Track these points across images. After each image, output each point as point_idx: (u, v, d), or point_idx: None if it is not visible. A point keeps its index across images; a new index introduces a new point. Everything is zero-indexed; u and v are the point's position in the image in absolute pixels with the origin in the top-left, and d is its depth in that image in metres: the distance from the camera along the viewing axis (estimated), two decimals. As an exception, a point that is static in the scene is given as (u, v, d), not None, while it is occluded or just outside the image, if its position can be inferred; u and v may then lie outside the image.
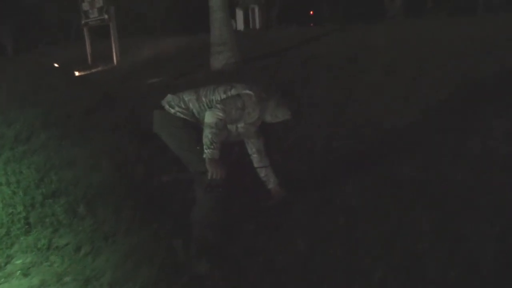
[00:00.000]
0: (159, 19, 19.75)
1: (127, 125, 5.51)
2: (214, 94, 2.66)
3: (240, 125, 2.73)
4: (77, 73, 10.99)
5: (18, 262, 3.11)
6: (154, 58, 10.73)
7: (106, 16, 11.08)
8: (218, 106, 2.50)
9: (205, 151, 2.45)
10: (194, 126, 2.63)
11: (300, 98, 5.33)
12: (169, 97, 2.76)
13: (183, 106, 2.67)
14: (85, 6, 11.91)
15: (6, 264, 3.14)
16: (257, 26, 22.28)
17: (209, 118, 2.47)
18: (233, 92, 2.63)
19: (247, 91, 2.62)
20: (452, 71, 5.25)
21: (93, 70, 11.22)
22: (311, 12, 26.22)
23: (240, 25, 22.08)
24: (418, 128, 4.18)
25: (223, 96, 2.62)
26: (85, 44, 12.44)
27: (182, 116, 2.65)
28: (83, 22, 12.22)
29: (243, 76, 6.76)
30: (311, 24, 17.32)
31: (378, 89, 5.22)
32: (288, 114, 2.79)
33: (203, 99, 2.65)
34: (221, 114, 2.47)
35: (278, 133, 4.18)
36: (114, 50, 11.07)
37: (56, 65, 12.79)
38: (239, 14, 22.57)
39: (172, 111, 2.67)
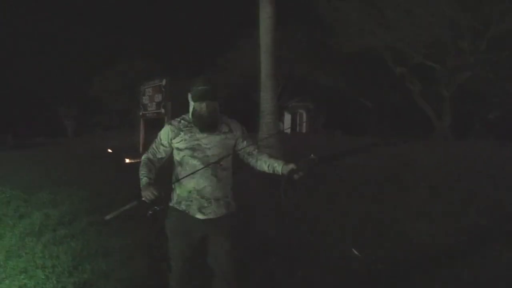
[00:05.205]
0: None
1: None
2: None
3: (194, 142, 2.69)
4: (127, 160, 11.49)
5: None
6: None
7: (163, 110, 11.80)
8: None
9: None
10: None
11: (340, 210, 5.28)
12: None
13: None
14: (145, 99, 12.83)
15: None
16: (304, 130, 22.95)
17: None
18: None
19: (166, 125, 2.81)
20: (500, 202, 5.09)
21: (143, 159, 11.71)
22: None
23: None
24: (455, 257, 4.02)
25: None
26: (139, 133, 13.16)
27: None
28: (141, 113, 13.06)
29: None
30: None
31: (420, 209, 5.09)
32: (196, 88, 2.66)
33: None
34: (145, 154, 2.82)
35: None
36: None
37: (109, 150, 13.48)
38: (287, 117, 23.46)
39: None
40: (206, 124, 2.66)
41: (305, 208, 5.73)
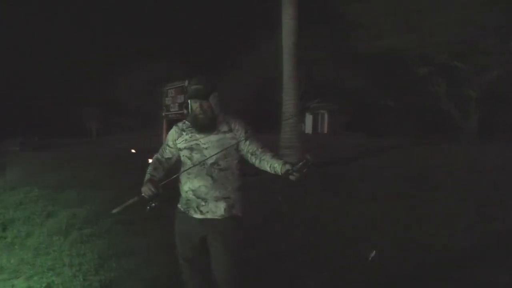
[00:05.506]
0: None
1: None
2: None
3: (193, 142, 2.71)
4: (150, 161, 11.61)
5: None
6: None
7: (185, 111, 11.88)
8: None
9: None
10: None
11: (363, 213, 5.24)
12: None
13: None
14: (168, 100, 12.93)
15: None
16: (325, 130, 22.80)
17: None
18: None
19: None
20: (500, 202, 5.01)
21: (165, 159, 11.84)
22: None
23: (309, 129, 22.71)
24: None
25: None
26: (162, 133, 13.28)
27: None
28: (163, 114, 13.18)
29: (309, 179, 6.84)
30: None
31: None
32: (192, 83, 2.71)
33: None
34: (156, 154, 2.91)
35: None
36: (187, 143, 11.65)
37: (133, 151, 13.67)
38: (309, 118, 23.34)
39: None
40: (201, 124, 2.67)
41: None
